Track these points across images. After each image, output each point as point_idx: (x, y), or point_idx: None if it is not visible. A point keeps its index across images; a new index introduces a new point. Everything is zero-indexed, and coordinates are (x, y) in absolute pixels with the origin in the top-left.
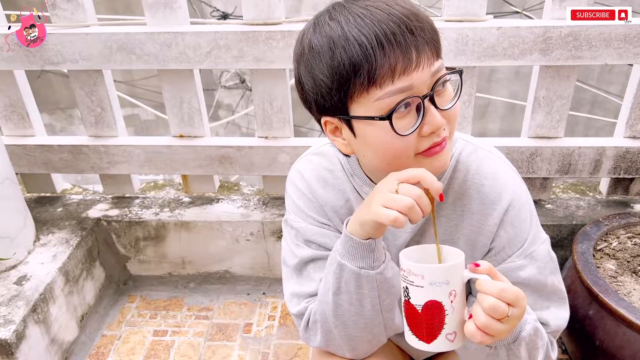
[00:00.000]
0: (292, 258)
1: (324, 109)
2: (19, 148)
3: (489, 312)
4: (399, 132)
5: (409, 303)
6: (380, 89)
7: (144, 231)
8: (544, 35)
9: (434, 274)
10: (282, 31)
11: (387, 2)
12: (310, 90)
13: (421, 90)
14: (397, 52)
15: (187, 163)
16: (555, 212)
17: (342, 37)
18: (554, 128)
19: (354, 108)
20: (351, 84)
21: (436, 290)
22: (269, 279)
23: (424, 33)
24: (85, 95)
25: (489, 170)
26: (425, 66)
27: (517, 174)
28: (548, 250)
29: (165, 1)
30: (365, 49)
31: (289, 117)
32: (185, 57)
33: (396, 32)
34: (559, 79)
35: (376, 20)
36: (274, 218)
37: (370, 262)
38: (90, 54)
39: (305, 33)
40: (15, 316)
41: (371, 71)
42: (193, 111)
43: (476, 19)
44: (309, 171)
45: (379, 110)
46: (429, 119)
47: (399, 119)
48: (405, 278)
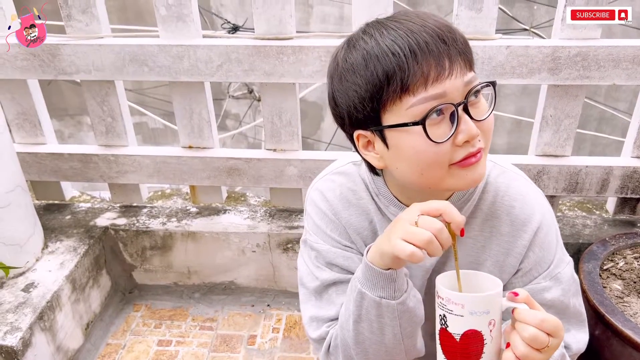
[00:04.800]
0: (312, 280)
1: (357, 122)
2: (30, 156)
3: (529, 342)
4: (433, 139)
5: (446, 332)
6: (413, 96)
7: (150, 240)
8: (553, 55)
9: (475, 303)
10: (292, 46)
11: (420, 16)
12: (343, 104)
13: (454, 98)
14: (430, 60)
15: (196, 174)
16: (562, 230)
17: (375, 48)
18: (562, 146)
19: (387, 117)
20: (384, 93)
21: (476, 319)
22: (274, 291)
23: (456, 44)
24: (96, 105)
25: (519, 192)
26: (458, 75)
27: (543, 196)
28: (572, 272)
29: (178, 15)
30: (398, 57)
31: (297, 130)
32: (197, 70)
33: (429, 41)
34: (567, 98)
35: (409, 32)
36: (281, 230)
37: (392, 292)
38: (103, 65)
39: (340, 50)
40: (22, 323)
41: (404, 79)
42: (203, 123)
43: (486, 37)
44: (331, 191)
45: (413, 117)
46: (463, 127)
47: (432, 126)
48: (444, 306)
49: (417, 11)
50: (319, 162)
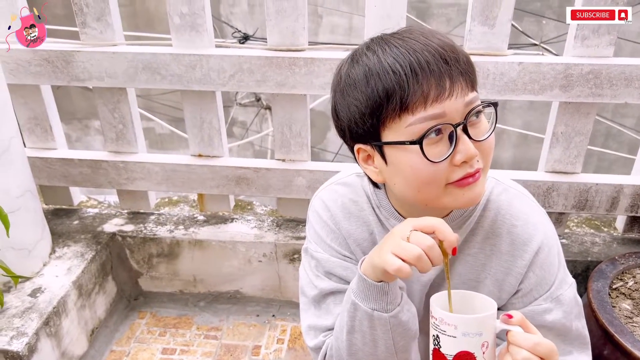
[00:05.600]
0: (311, 289)
1: (357, 136)
2: (40, 160)
3: None
4: (430, 159)
5: (439, 352)
6: (412, 115)
7: (157, 248)
8: (565, 72)
9: (468, 324)
10: (305, 58)
11: (424, 34)
12: (344, 118)
13: (454, 119)
14: (431, 79)
15: (205, 182)
16: (570, 248)
17: (377, 65)
18: (572, 163)
19: (386, 134)
20: (384, 110)
21: (469, 341)
22: (279, 301)
23: (458, 64)
24: (108, 112)
25: (521, 210)
26: (459, 96)
27: (546, 215)
28: (574, 294)
29: (192, 24)
30: (399, 75)
31: (307, 141)
32: (209, 79)
33: (430, 61)
34: (579, 115)
35: (411, 50)
36: (287, 240)
37: (384, 305)
38: (116, 72)
39: (344, 64)
40: (28, 329)
41: (404, 97)
42: (213, 131)
43: (498, 53)
44: (333, 201)
45: (411, 135)
46: (461, 148)
47: (430, 145)
48: (437, 326)
49: (422, 29)
50: (327, 173)
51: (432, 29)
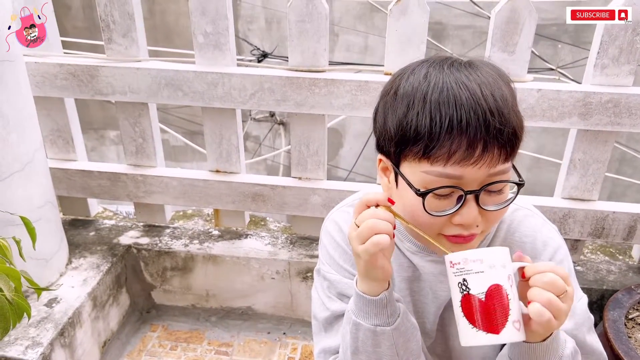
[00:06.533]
0: (323, 311)
1: (382, 150)
2: (61, 171)
3: (549, 287)
4: (429, 211)
5: (469, 297)
6: (430, 165)
7: (172, 261)
8: (584, 100)
9: (493, 255)
10: (325, 79)
11: (486, 83)
12: (379, 128)
13: (469, 185)
14: (463, 141)
15: (221, 198)
16: (586, 275)
17: (422, 99)
18: (589, 191)
19: (404, 165)
20: (408, 147)
21: (497, 273)
22: (291, 319)
23: (501, 135)
24: (129, 126)
25: (531, 228)
26: (485, 165)
27: (557, 232)
28: (586, 308)
29: (215, 43)
30: (434, 124)
31: (323, 160)
32: (230, 97)
33: (472, 123)
34: (597, 143)
35: (460, 103)
36: (301, 258)
37: (385, 319)
38: (139, 88)
39: (403, 73)
40: (44, 339)
41: (429, 146)
42: (231, 148)
43: (517, 79)
44: (346, 223)
45: (422, 182)
46: (464, 212)
47: (436, 197)
48: (460, 272)
49: (490, 72)
50: (343, 192)
51: (502, 72)
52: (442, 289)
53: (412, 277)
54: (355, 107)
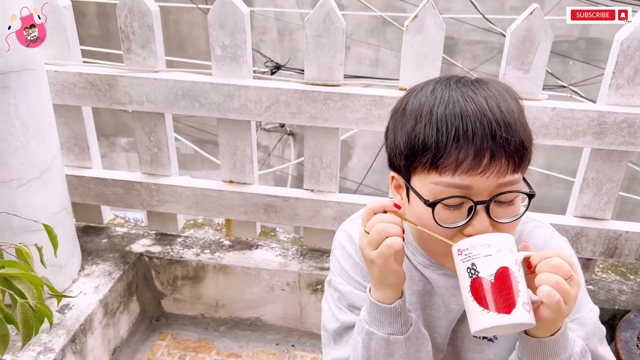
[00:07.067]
0: (333, 322)
1: (394, 166)
2: (76, 179)
3: (556, 270)
4: (438, 222)
5: (478, 280)
6: (439, 175)
7: (183, 270)
8: (599, 120)
9: (500, 240)
10: (340, 93)
11: (491, 98)
12: (390, 145)
13: (479, 195)
14: (470, 150)
15: (234, 208)
16: (597, 295)
17: (429, 113)
18: (602, 210)
19: (415, 179)
20: (417, 159)
21: (504, 256)
22: (299, 331)
23: (507, 144)
24: (144, 135)
25: (539, 238)
26: (494, 175)
27: (567, 243)
28: (597, 319)
29: (233, 55)
30: (440, 134)
31: (336, 173)
32: (246, 109)
33: (478, 132)
34: (610, 162)
35: (465, 114)
36: (311, 270)
37: (399, 327)
38: (156, 98)
39: (411, 92)
40: (56, 345)
41: (436, 157)
42: (245, 159)
43: (532, 97)
44: (358, 234)
45: (432, 193)
46: (475, 223)
47: (446, 208)
48: (469, 258)
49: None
50: (355, 205)
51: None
52: (455, 302)
53: (424, 291)
54: (370, 122)
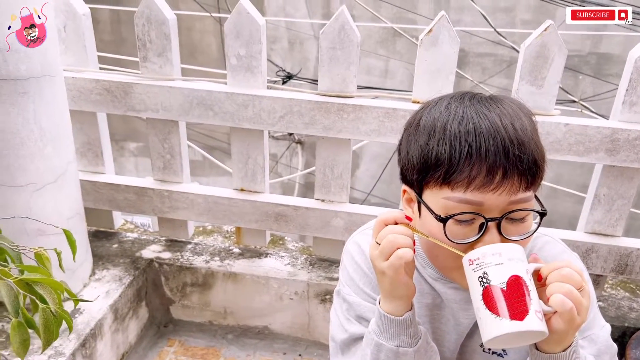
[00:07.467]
0: (341, 332)
1: (406, 180)
2: (89, 184)
3: (567, 280)
4: (449, 237)
5: (490, 288)
6: (451, 191)
7: (192, 277)
8: (612, 137)
9: (510, 249)
10: (353, 105)
11: (505, 116)
12: (402, 158)
13: (490, 211)
14: (483, 167)
15: (245, 216)
16: (607, 311)
17: (442, 129)
18: (612, 226)
19: (426, 194)
20: (429, 174)
21: (515, 265)
22: (307, 341)
23: (520, 162)
24: (158, 142)
25: (551, 255)
26: (506, 192)
27: (578, 259)
28: (608, 337)
29: (247, 66)
30: (453, 150)
31: (347, 183)
32: (259, 119)
33: (490, 150)
34: (622, 179)
35: (479, 131)
36: (320, 280)
37: (408, 340)
38: (171, 106)
39: (425, 107)
40: (66, 349)
41: (449, 172)
42: (257, 168)
43: (544, 113)
44: (368, 245)
45: (444, 208)
46: (486, 240)
47: (458, 224)
48: (480, 267)
49: (512, 105)
50: (365, 216)
51: (519, 110)
52: (465, 316)
53: (433, 304)
54: (382, 133)
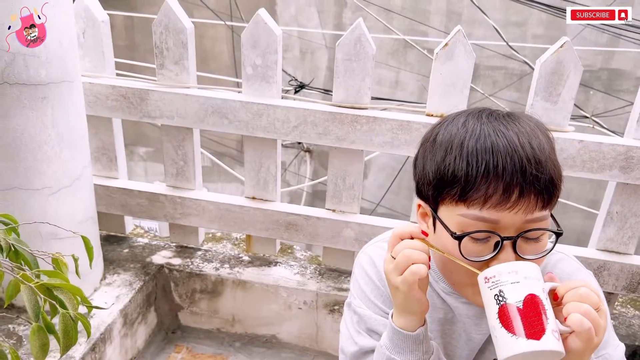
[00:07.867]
0: (351, 345)
1: (421, 195)
2: (102, 188)
3: (584, 299)
4: (464, 254)
5: (506, 307)
6: (467, 208)
7: (202, 284)
8: (626, 154)
9: (527, 267)
10: (367, 116)
11: (523, 134)
12: (418, 173)
13: (506, 230)
14: (499, 186)
15: (255, 224)
16: (618, 330)
17: (459, 145)
18: (625, 244)
19: (442, 210)
20: (445, 191)
21: (532, 284)
22: (314, 351)
23: (537, 182)
24: (172, 149)
25: (565, 272)
26: (522, 211)
27: (592, 276)
28: (622, 356)
29: (263, 75)
30: (470, 168)
31: (358, 194)
32: (273, 128)
33: (508, 168)
34: (636, 196)
35: (496, 149)
36: (329, 290)
37: (420, 355)
38: (186, 113)
39: (442, 122)
40: (76, 353)
41: (465, 189)
42: (269, 177)
43: (559, 129)
44: (380, 258)
45: (459, 225)
46: (502, 258)
47: (473, 241)
48: (496, 285)
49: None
50: (376, 227)
51: (540, 123)
52: (477, 331)
53: (445, 319)
54: (395, 145)
